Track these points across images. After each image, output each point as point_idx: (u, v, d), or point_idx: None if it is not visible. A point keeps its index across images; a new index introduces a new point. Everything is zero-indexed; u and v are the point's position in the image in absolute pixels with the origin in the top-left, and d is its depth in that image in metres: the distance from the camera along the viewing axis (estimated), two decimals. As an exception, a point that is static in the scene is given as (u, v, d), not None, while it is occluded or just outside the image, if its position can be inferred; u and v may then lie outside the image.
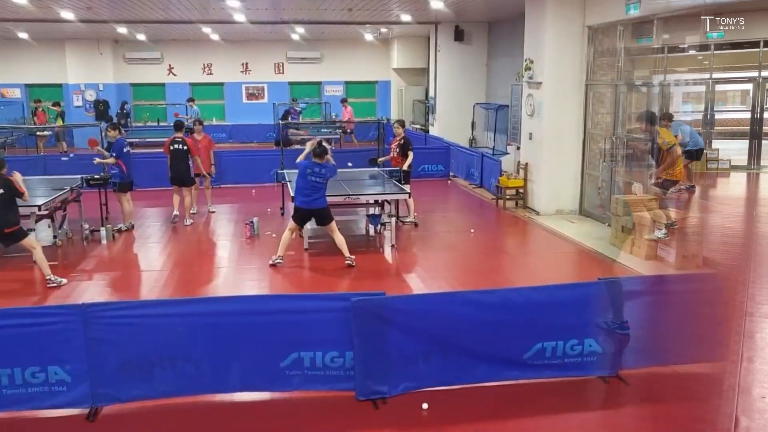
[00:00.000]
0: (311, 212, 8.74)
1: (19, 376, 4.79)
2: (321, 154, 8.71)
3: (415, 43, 22.80)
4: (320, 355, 5.13)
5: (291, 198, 9.19)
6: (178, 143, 11.38)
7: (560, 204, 12.03)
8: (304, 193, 8.67)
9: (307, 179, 8.62)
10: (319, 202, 8.68)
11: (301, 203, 8.72)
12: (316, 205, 8.67)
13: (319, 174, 8.63)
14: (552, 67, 11.58)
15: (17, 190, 7.99)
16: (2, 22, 17.30)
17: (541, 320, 5.35)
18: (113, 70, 23.35)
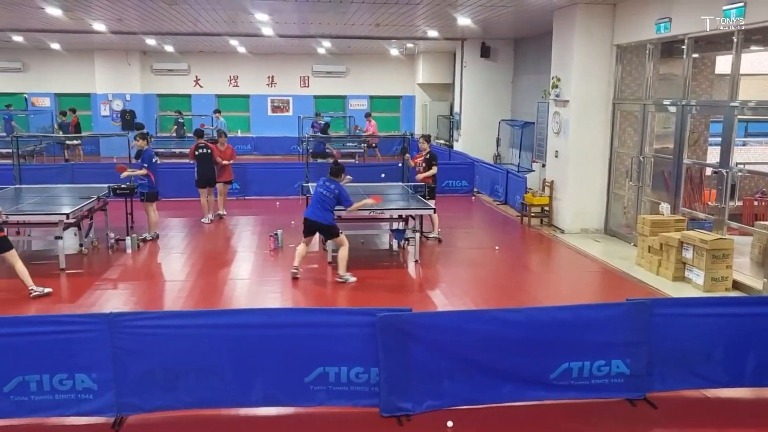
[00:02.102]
0: (312, 223, 8.77)
1: (48, 382, 4.82)
2: (335, 172, 8.86)
3: (440, 58, 22.85)
4: (345, 371, 5.10)
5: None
6: (202, 148, 12.39)
7: (585, 223, 11.93)
8: (311, 204, 8.86)
9: (317, 191, 8.78)
10: (319, 216, 8.69)
11: (306, 213, 8.88)
12: (315, 217, 8.70)
13: (328, 189, 8.70)
14: (579, 85, 11.53)
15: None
16: (36, 33, 17.63)
17: (568, 340, 5.28)
18: (140, 81, 23.68)
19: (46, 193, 10.89)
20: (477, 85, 18.80)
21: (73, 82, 23.58)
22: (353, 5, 12.44)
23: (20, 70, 23.41)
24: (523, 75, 17.94)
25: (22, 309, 7.65)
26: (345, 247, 8.84)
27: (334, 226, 8.82)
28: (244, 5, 12.55)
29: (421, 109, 24.65)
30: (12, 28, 16.84)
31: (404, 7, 12.53)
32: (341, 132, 23.79)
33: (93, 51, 22.71)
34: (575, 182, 11.85)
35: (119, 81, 23.32)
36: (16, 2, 12.37)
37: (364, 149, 20.50)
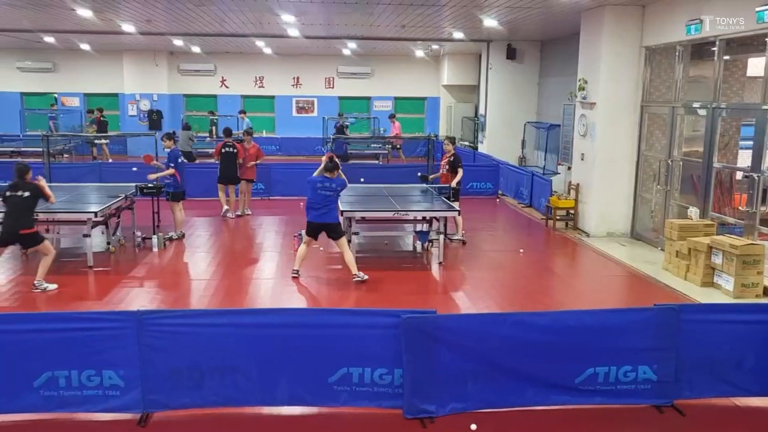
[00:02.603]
0: (321, 226, 8.79)
1: (76, 378, 4.90)
2: (332, 169, 8.80)
3: (465, 60, 22.78)
4: (369, 372, 5.11)
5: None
6: (229, 147, 12.91)
7: (611, 226, 11.80)
8: (315, 208, 8.76)
9: (318, 193, 8.71)
10: (329, 217, 8.72)
11: (312, 218, 8.81)
12: (326, 219, 8.72)
13: (330, 188, 8.71)
14: (607, 87, 11.41)
15: (43, 194, 8.22)
16: (67, 34, 17.92)
17: (594, 345, 5.23)
18: (167, 81, 23.93)
19: (74, 192, 11.06)
20: (502, 86, 18.70)
21: (101, 82, 23.92)
22: (379, 6, 12.45)
23: (51, 70, 23.81)
24: (550, 77, 17.81)
25: (51, 305, 7.77)
26: (347, 249, 8.85)
27: (339, 224, 8.88)
28: (271, 6, 12.62)
29: (445, 110, 24.59)
30: (44, 29, 17.13)
31: (430, 8, 12.51)
32: (365, 133, 23.84)
33: (121, 52, 23.01)
34: (601, 185, 11.73)
35: (147, 81, 23.60)
36: (48, 4, 12.59)
37: (388, 150, 20.51)
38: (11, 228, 8.02)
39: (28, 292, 8.22)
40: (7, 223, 8.07)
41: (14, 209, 8.04)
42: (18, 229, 8.01)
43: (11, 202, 8.04)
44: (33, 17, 14.62)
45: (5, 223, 8.11)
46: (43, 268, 8.26)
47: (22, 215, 8.05)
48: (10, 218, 8.05)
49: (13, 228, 8.01)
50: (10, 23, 15.90)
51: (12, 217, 8.03)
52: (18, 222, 8.01)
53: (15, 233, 8.04)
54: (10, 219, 8.05)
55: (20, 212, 8.04)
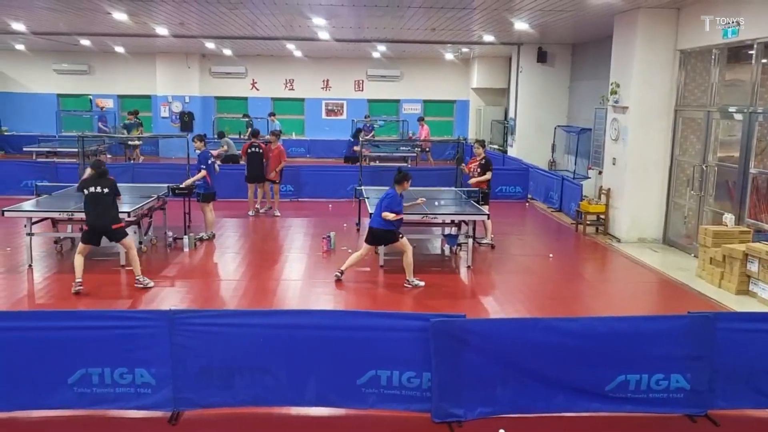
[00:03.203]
0: (371, 230, 8.88)
1: (109, 375, 4.98)
2: (398, 180, 8.86)
3: (495, 63, 22.68)
4: (397, 375, 5.11)
5: (369, 215, 9.32)
6: (255, 147, 13.39)
7: (643, 232, 11.64)
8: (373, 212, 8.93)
9: (379, 199, 8.91)
10: (374, 222, 8.83)
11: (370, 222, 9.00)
12: (373, 224, 8.84)
13: (383, 195, 8.83)
14: (639, 91, 11.27)
15: (118, 191, 8.41)
16: (102, 37, 18.25)
17: (625, 352, 5.16)
18: (199, 83, 24.23)
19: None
20: (533, 90, 18.57)
21: (135, 84, 24.31)
22: (410, 10, 12.46)
23: (86, 72, 24.27)
24: (581, 80, 17.64)
25: (84, 304, 7.90)
26: (409, 252, 8.80)
27: (389, 231, 8.79)
28: (302, 10, 12.71)
29: (475, 113, 24.49)
30: (80, 32, 17.49)
31: (461, 11, 12.48)
32: (394, 136, 23.85)
33: (155, 54, 23.36)
34: (633, 190, 11.58)
35: (179, 83, 23.92)
36: (85, 8, 12.84)
37: (417, 153, 20.49)
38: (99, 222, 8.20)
39: (62, 290, 8.37)
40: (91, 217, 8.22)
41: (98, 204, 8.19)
42: (111, 224, 8.21)
43: (93, 197, 8.19)
44: (70, 21, 14.93)
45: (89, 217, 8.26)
46: (134, 264, 8.46)
47: (111, 210, 8.25)
48: (94, 213, 8.21)
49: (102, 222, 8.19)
50: (48, 26, 16.26)
51: (97, 212, 8.19)
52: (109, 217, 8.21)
53: (106, 227, 8.22)
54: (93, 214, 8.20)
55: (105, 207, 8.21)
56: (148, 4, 12.40)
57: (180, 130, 23.15)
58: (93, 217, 8.22)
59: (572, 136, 17.27)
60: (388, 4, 11.83)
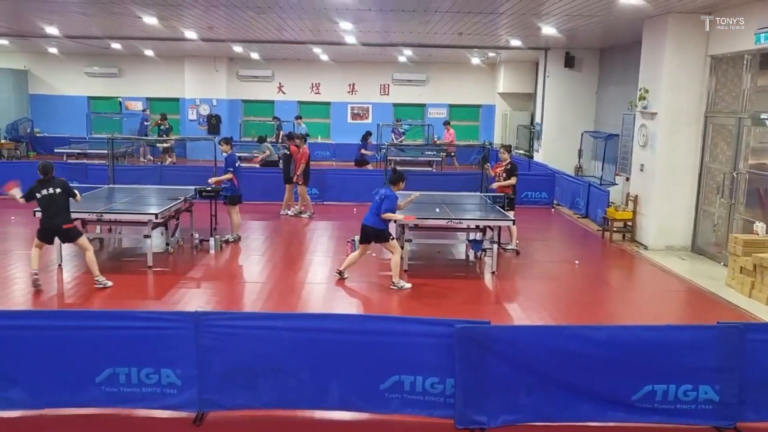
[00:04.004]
0: (364, 227, 8.95)
1: (135, 375, 5.04)
2: (394, 181, 9.00)
3: (522, 67, 22.56)
4: (420, 380, 5.10)
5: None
6: (286, 149, 13.96)
7: (671, 239, 11.48)
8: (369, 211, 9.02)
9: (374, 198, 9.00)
10: (370, 221, 8.88)
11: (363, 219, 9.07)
12: (368, 222, 8.90)
13: (380, 194, 8.89)
14: (669, 97, 11.13)
15: (72, 191, 8.53)
16: (132, 40, 18.53)
17: (653, 361, 5.09)
18: (227, 86, 24.44)
19: (136, 194, 11.39)
20: (560, 95, 18.43)
21: (163, 86, 24.60)
22: (437, 14, 12.45)
23: (116, 75, 24.64)
24: (609, 86, 17.46)
25: (112, 303, 8.01)
26: (397, 254, 8.89)
27: (382, 230, 8.87)
28: (330, 14, 12.77)
29: (501, 118, 24.38)
30: (111, 35, 17.76)
31: (488, 16, 12.44)
32: (419, 140, 23.82)
33: (183, 57, 23.63)
34: (661, 197, 11.43)
35: (207, 86, 24.17)
36: (117, 12, 13.04)
37: (442, 158, 20.45)
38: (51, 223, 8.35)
39: (90, 290, 8.50)
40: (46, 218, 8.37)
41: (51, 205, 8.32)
42: (62, 224, 8.35)
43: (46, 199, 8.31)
44: (102, 24, 15.19)
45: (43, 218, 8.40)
46: (91, 265, 8.57)
47: (63, 210, 8.39)
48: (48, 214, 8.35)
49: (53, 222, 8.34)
50: (80, 30, 16.55)
51: (50, 213, 8.33)
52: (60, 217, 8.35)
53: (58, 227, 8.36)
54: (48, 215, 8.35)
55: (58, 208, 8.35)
56: (178, 9, 12.56)
57: (207, 133, 23.40)
58: (46, 218, 8.37)
59: (599, 141, 17.10)
60: (416, 8, 11.84)
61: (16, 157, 22.10)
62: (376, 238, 8.91)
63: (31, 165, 18.18)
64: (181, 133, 23.69)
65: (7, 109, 22.88)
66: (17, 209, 13.22)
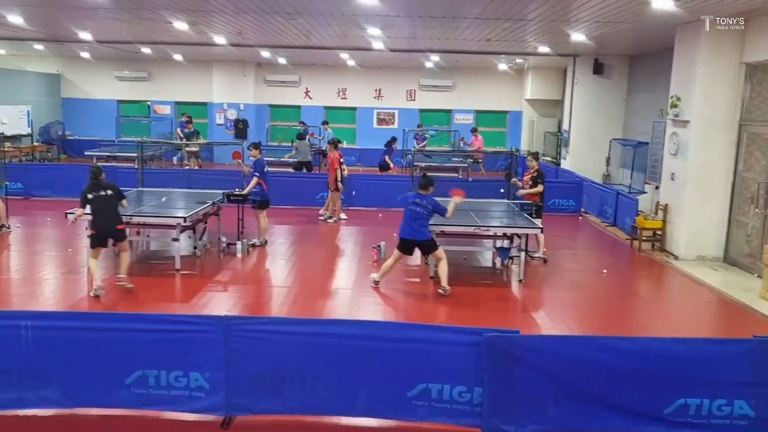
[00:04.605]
0: (412, 243, 8.80)
1: (164, 378, 5.07)
2: (425, 185, 8.83)
3: (550, 74, 22.42)
4: (448, 388, 5.06)
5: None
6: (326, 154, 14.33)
7: (702, 249, 11.29)
8: (406, 222, 8.81)
9: (408, 209, 8.77)
10: (418, 234, 8.70)
11: (402, 233, 8.85)
12: (416, 236, 8.71)
13: (420, 204, 8.68)
14: (702, 104, 10.95)
15: (122, 194, 8.63)
16: (162, 45, 18.77)
17: (685, 375, 4.99)
18: (254, 91, 24.63)
19: (165, 197, 11.49)
20: (588, 102, 18.25)
21: (192, 91, 24.88)
22: (465, 21, 12.42)
23: (146, 79, 24.97)
24: (638, 93, 17.26)
25: (141, 306, 8.09)
26: (444, 261, 8.80)
27: (432, 240, 8.78)
28: (358, 20, 12.80)
29: (528, 125, 24.24)
30: (142, 40, 18.03)
31: (517, 23, 12.38)
32: (445, 146, 23.76)
33: (212, 62, 23.88)
34: (692, 206, 11.25)
35: (234, 91, 24.39)
36: (148, 17, 13.22)
37: (469, 164, 20.37)
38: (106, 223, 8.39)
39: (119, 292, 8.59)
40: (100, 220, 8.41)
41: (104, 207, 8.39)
42: (115, 224, 8.40)
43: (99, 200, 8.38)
44: (133, 29, 15.40)
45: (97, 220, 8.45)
46: (123, 264, 8.64)
47: (115, 211, 8.45)
48: (101, 215, 8.40)
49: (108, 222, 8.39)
50: (112, 35, 16.81)
51: (103, 215, 8.38)
52: (114, 217, 8.41)
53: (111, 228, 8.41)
54: (101, 216, 8.40)
55: (111, 209, 8.41)
56: (208, 14, 12.69)
57: (234, 137, 23.58)
58: (101, 219, 8.39)
59: (628, 149, 16.89)
60: (444, 15, 11.82)
61: (47, 160, 22.53)
62: (425, 249, 8.84)
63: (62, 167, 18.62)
64: (208, 138, 23.91)
65: (40, 113, 23.31)
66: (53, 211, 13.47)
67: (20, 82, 22.81)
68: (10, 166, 15.48)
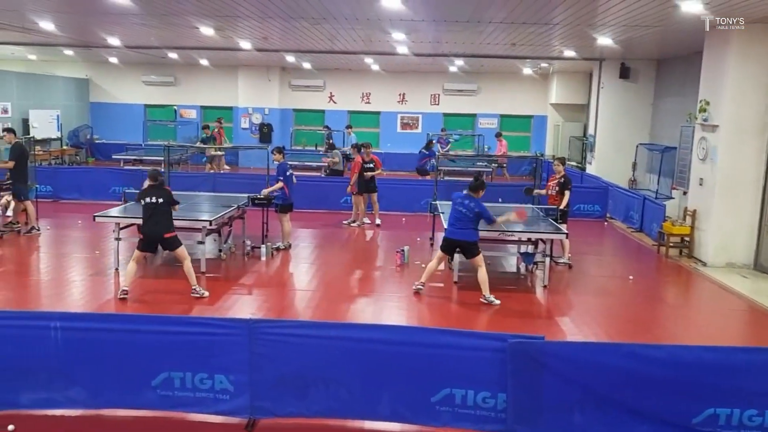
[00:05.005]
0: (454, 242, 8.72)
1: (190, 380, 5.11)
2: (474, 188, 8.74)
3: (575, 78, 22.24)
4: (472, 394, 5.03)
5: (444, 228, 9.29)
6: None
7: (731, 256, 11.10)
8: (450, 222, 8.80)
9: (455, 208, 8.73)
10: (463, 234, 8.62)
11: (446, 232, 8.82)
12: (459, 236, 8.64)
13: (467, 206, 8.62)
14: (731, 109, 10.79)
15: (174, 200, 8.62)
16: (189, 50, 18.98)
17: (714, 384, 4.89)
18: (279, 96, 24.78)
19: (190, 200, 11.58)
20: (614, 106, 18.08)
21: (217, 95, 25.10)
22: (490, 25, 12.38)
23: (172, 83, 25.25)
24: (666, 97, 17.05)
25: (167, 308, 8.16)
26: (483, 267, 8.71)
27: (475, 243, 8.70)
28: (383, 25, 12.83)
29: (552, 129, 24.06)
30: (169, 45, 18.25)
31: (542, 27, 12.31)
32: (469, 150, 23.69)
33: (237, 67, 24.08)
34: (722, 212, 11.08)
35: (259, 95, 24.56)
36: (175, 23, 13.38)
37: (493, 169, 20.27)
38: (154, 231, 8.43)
39: (146, 294, 8.68)
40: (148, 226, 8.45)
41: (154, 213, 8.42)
42: (163, 232, 8.44)
43: (150, 207, 8.40)
44: (160, 35, 15.60)
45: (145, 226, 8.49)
46: (189, 275, 8.59)
47: (165, 219, 8.47)
48: (149, 222, 8.44)
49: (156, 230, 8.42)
50: (140, 41, 17.05)
51: (152, 221, 8.42)
52: (162, 225, 8.44)
53: (159, 235, 8.44)
54: (149, 222, 8.43)
55: (160, 216, 8.44)
56: (234, 20, 12.80)
57: (259, 142, 23.75)
58: (148, 226, 8.44)
59: (655, 154, 16.70)
60: (469, 19, 11.79)
61: (76, 163, 22.88)
62: (468, 252, 8.73)
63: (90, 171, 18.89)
64: (233, 142, 24.10)
65: (69, 117, 23.70)
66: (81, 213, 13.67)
67: (50, 86, 23.22)
68: (40, 170, 15.73)
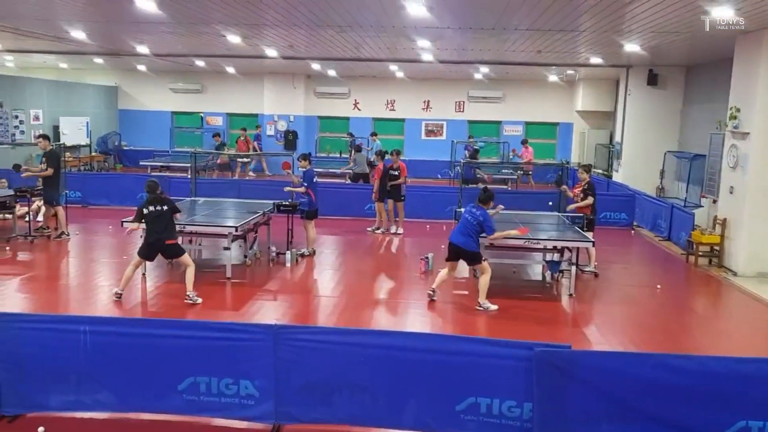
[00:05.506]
0: (455, 247, 8.74)
1: (215, 385, 5.15)
2: (484, 199, 8.87)
3: (601, 85, 22.06)
4: (497, 403, 4.99)
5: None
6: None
7: (764, 266, 10.89)
8: (457, 228, 8.87)
9: (463, 215, 8.86)
10: (465, 242, 8.64)
11: (450, 236, 8.89)
12: (460, 242, 8.67)
13: (473, 214, 8.68)
14: (762, 116, 10.61)
15: (177, 207, 8.72)
16: (216, 58, 19.19)
17: (746, 395, 4.80)
18: (304, 103, 24.94)
19: (217, 206, 11.70)
20: (642, 113, 17.87)
21: (243, 102, 25.35)
22: (516, 32, 12.33)
23: (199, 91, 25.56)
24: (695, 104, 16.83)
25: (193, 313, 8.23)
26: (486, 275, 8.72)
27: (476, 252, 8.71)
28: (408, 32, 12.85)
29: (578, 136, 23.87)
30: (196, 53, 18.48)
31: (568, 34, 12.23)
32: (494, 158, 23.59)
33: (263, 74, 24.29)
34: (753, 221, 10.88)
35: (285, 103, 24.74)
36: (203, 31, 13.55)
37: (518, 176, 20.16)
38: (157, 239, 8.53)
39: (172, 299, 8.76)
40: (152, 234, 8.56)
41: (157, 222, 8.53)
42: (165, 239, 8.54)
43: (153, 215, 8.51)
44: (188, 43, 15.80)
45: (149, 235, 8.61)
46: (188, 281, 8.66)
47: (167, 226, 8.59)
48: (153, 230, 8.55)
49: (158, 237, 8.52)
50: (168, 49, 17.30)
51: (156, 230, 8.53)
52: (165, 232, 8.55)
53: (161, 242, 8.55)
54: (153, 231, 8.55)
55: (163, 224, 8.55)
56: (261, 28, 12.93)
57: (284, 148, 23.90)
58: (154, 234, 8.52)
59: (684, 162, 16.47)
60: (494, 26, 11.76)
61: (104, 169, 23.23)
62: (469, 260, 8.78)
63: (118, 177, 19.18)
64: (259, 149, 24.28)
65: (98, 124, 24.10)
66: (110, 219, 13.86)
67: (80, 94, 23.64)
68: (69, 176, 15.99)
